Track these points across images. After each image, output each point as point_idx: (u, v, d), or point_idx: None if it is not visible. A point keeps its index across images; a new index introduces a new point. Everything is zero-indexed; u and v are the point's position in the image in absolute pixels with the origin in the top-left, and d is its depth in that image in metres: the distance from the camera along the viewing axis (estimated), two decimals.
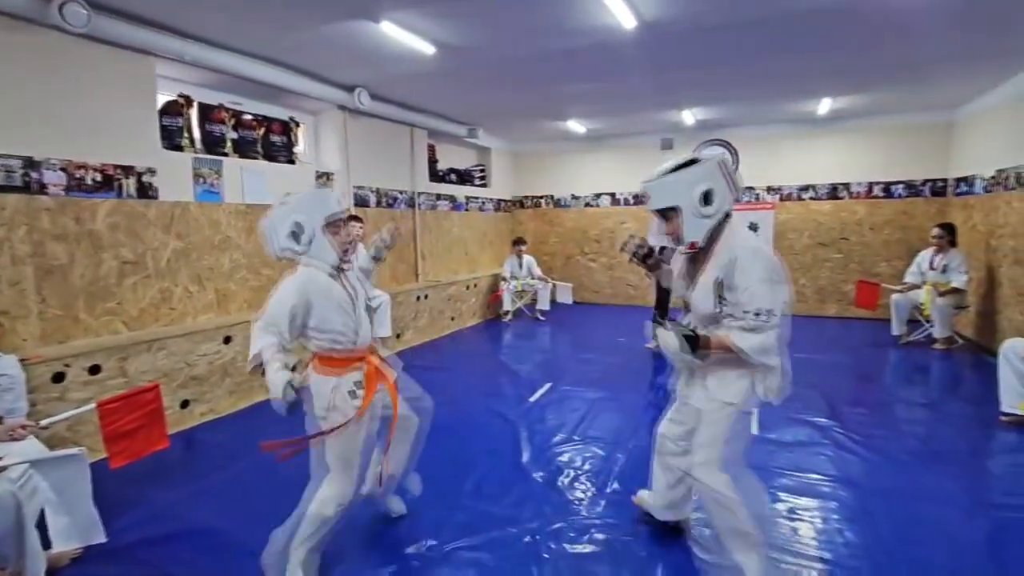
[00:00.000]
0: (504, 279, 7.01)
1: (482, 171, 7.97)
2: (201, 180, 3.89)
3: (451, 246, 7.03)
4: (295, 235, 1.88)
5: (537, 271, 7.19)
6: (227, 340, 3.73)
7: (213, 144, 4.13)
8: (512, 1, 3.11)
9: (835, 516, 2.34)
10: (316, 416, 1.95)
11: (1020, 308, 4.57)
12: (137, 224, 3.51)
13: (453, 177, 7.28)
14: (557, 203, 8.47)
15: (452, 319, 6.46)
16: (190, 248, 3.84)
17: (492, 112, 6.31)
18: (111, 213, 3.37)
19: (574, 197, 8.36)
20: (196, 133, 4.08)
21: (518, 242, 7.22)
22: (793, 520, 2.31)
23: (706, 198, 1.72)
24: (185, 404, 3.47)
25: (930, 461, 2.87)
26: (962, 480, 2.65)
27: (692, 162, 1.78)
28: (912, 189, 6.58)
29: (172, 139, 3.84)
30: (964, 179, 5.94)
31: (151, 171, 3.57)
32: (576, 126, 7.02)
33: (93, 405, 2.18)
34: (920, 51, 4.11)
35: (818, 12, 3.29)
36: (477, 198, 7.67)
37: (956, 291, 5.12)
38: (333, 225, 1.92)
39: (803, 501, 2.46)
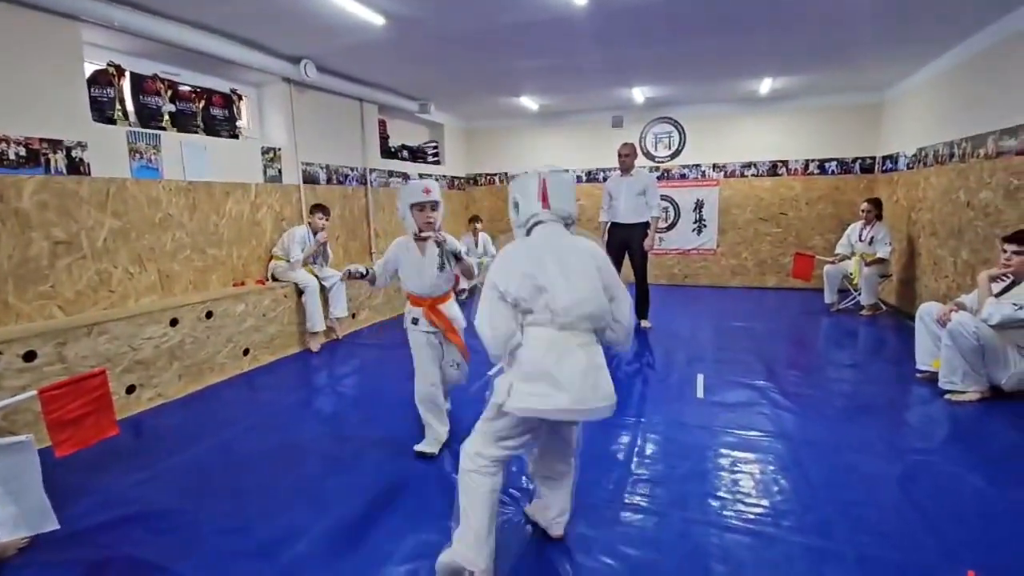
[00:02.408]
0: None
1: (435, 148, 7.87)
2: (138, 155, 3.69)
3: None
4: (399, 210, 2.71)
5: (492, 249, 7.22)
6: (174, 322, 3.60)
7: (149, 117, 3.91)
8: None
9: (771, 467, 2.55)
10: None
11: (935, 275, 5.00)
12: (69, 202, 3.30)
13: (405, 154, 7.16)
14: (511, 180, 8.48)
15: None
16: (128, 227, 3.65)
17: (444, 87, 6.22)
18: (38, 190, 3.16)
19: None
20: (129, 105, 3.85)
21: (474, 220, 7.22)
22: (735, 472, 2.50)
23: (516, 207, 1.94)
24: (131, 389, 3.35)
25: (854, 415, 3.15)
26: (881, 430, 2.94)
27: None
28: (844, 166, 6.99)
29: (103, 111, 3.61)
30: (890, 157, 6.37)
31: (81, 145, 3.35)
32: (529, 103, 7.03)
33: (33, 392, 2.09)
34: (850, 34, 4.34)
35: None
36: (430, 175, 7.59)
37: (881, 261, 5.54)
38: (417, 206, 2.62)
39: (744, 455, 2.66)
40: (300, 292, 4.63)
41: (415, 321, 2.72)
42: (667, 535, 2.06)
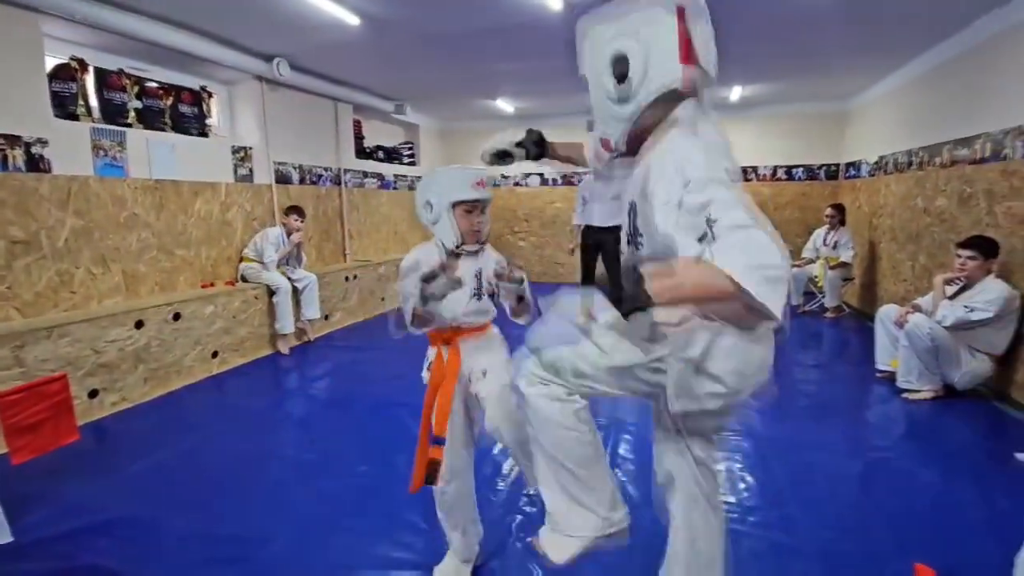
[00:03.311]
0: None
1: (410, 149, 7.83)
2: (102, 153, 3.58)
3: (380, 225, 6.90)
4: (429, 207, 1.73)
5: None
6: (139, 324, 3.50)
7: (114, 113, 3.80)
8: None
9: (738, 464, 2.62)
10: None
11: (895, 279, 5.20)
12: (28, 200, 3.19)
13: (380, 154, 7.11)
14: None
15: (383, 299, 6.38)
16: (91, 226, 3.54)
17: (420, 88, 6.20)
18: None
19: (504, 177, 8.42)
20: (93, 101, 3.73)
21: None
22: None
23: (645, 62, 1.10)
24: (94, 394, 3.24)
25: (818, 413, 3.26)
26: (843, 428, 3.05)
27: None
28: (810, 172, 7.22)
29: (65, 107, 3.50)
30: (853, 164, 6.60)
31: (42, 142, 3.24)
32: (505, 105, 7.05)
33: None
34: (816, 45, 4.49)
35: (727, 2, 3.52)
36: (406, 176, 7.55)
37: (844, 265, 5.74)
38: (463, 206, 1.71)
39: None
40: (271, 293, 4.56)
41: (430, 366, 1.83)
42: (638, 534, 2.09)
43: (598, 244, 5.26)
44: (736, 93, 6.38)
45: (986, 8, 3.60)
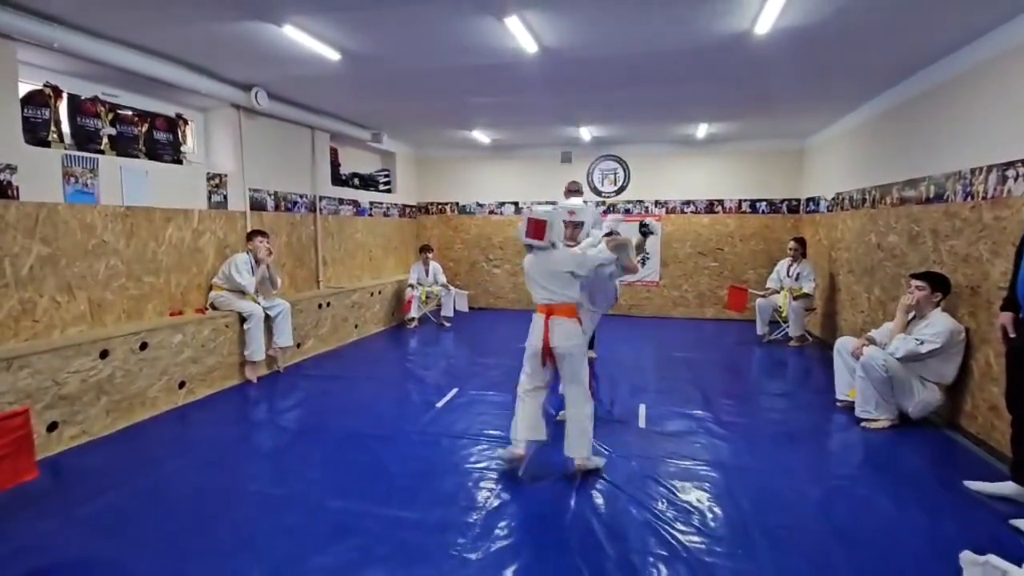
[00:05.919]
0: (411, 285, 7.01)
1: (387, 176, 7.89)
2: (72, 179, 3.54)
3: (354, 251, 6.90)
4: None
5: (442, 278, 7.27)
6: (104, 354, 3.42)
7: (86, 140, 3.76)
8: (419, 18, 3.20)
9: (706, 495, 2.68)
10: None
11: (853, 310, 5.44)
12: None
13: (356, 181, 7.15)
14: (462, 210, 8.61)
15: (356, 327, 6.35)
16: (58, 254, 3.47)
17: (397, 118, 6.32)
18: None
19: (479, 205, 8.54)
20: (65, 127, 3.70)
21: (425, 249, 7.25)
22: (673, 502, 2.61)
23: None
24: (53, 427, 3.13)
25: (782, 442, 3.37)
26: (805, 456, 3.16)
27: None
28: (773, 206, 7.54)
29: (36, 133, 3.46)
30: (812, 199, 6.93)
31: (10, 168, 3.19)
32: (481, 136, 7.21)
33: None
34: (774, 89, 4.78)
35: (691, 51, 3.74)
36: (381, 203, 7.59)
37: (806, 295, 5.98)
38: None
39: (681, 484, 2.79)
40: (243, 320, 4.50)
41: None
42: (609, 567, 2.13)
43: None
44: (702, 130, 6.68)
45: (924, 63, 3.91)
